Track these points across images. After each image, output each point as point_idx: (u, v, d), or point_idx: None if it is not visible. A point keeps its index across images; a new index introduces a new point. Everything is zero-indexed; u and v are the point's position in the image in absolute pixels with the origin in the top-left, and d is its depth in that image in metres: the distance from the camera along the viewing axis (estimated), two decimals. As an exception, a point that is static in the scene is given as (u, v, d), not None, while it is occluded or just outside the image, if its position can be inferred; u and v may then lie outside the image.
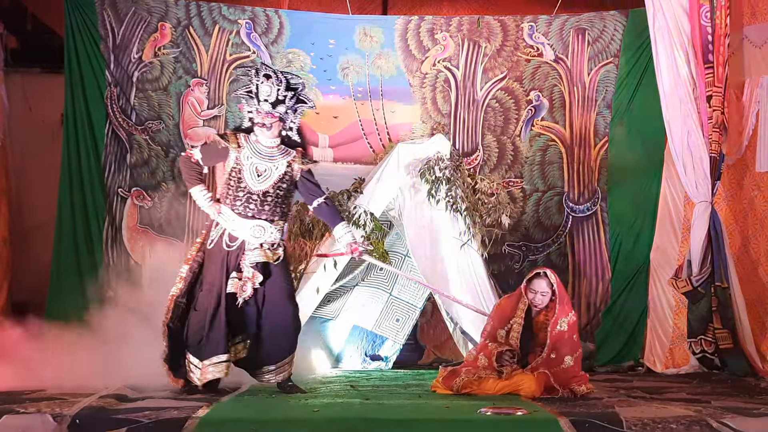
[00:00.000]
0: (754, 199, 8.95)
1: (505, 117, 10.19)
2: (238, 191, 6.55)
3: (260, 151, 6.60)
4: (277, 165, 6.61)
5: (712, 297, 8.66)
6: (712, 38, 8.69)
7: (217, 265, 6.55)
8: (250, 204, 6.53)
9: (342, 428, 4.84)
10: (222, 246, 6.55)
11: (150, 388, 6.40)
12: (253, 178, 6.54)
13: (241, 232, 6.52)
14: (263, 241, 6.53)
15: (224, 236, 6.56)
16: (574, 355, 6.50)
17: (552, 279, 6.54)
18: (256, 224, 6.53)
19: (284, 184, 6.62)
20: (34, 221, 10.19)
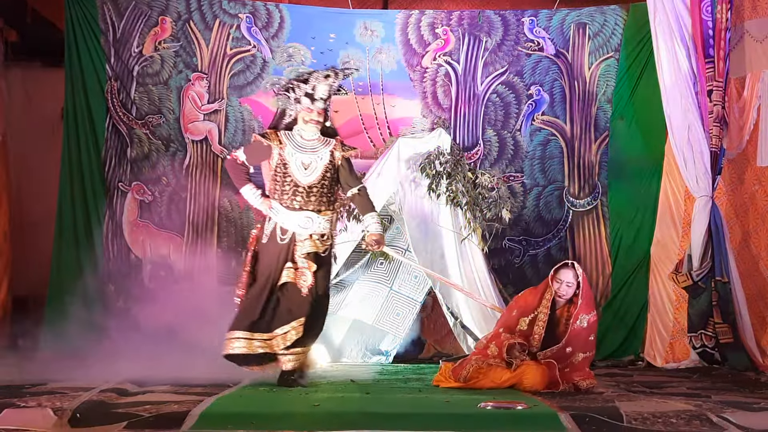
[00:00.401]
0: (755, 194, 8.95)
1: (505, 111, 10.18)
2: (285, 185, 6.78)
3: (303, 146, 6.86)
4: (321, 156, 6.87)
5: (713, 291, 8.66)
6: (713, 32, 8.69)
7: (271, 257, 6.77)
8: (296, 196, 6.76)
9: (342, 422, 4.85)
10: (276, 240, 6.78)
11: (152, 382, 6.40)
12: (300, 172, 6.80)
13: (291, 224, 6.74)
14: (312, 232, 6.74)
15: (276, 230, 6.79)
16: (586, 353, 6.53)
17: (578, 271, 6.56)
18: (304, 215, 6.75)
19: (329, 174, 6.86)
20: (35, 215, 10.20)
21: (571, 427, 4.75)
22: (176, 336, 9.53)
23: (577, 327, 6.47)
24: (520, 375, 6.35)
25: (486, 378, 6.43)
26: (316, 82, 6.81)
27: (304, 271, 6.65)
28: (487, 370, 6.46)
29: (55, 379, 6.42)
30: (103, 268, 9.76)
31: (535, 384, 6.27)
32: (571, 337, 6.47)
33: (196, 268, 9.85)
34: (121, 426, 4.68)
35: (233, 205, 9.96)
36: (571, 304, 6.59)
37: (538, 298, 6.63)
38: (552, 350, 6.47)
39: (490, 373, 6.44)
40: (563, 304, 6.62)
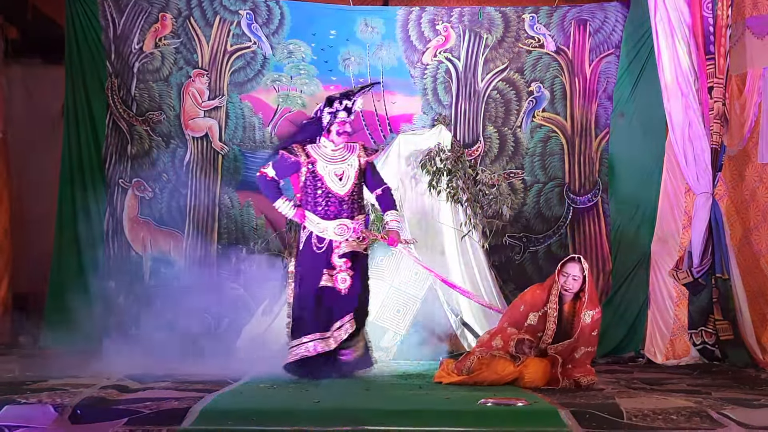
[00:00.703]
0: (756, 191, 8.94)
1: (506, 108, 10.18)
2: (317, 197, 7.10)
3: (332, 156, 7.18)
4: (350, 163, 7.18)
5: (713, 288, 8.66)
6: (714, 29, 8.68)
7: (309, 265, 7.10)
8: (329, 206, 7.08)
9: (343, 419, 4.85)
10: (312, 248, 7.09)
11: (152, 379, 6.40)
12: (335, 183, 7.12)
13: (327, 233, 7.07)
14: (347, 238, 7.05)
15: (312, 238, 7.10)
16: (588, 348, 6.54)
17: (584, 265, 6.57)
18: (339, 224, 7.06)
19: (358, 180, 7.19)
20: (35, 212, 10.21)
21: (571, 424, 4.76)
22: (177, 333, 9.56)
23: (582, 323, 6.49)
24: (522, 369, 6.36)
25: (489, 369, 6.44)
26: (359, 96, 7.23)
27: (342, 274, 7.02)
28: (490, 362, 6.47)
29: (56, 376, 6.42)
30: (103, 265, 9.76)
31: (536, 379, 6.28)
32: (579, 334, 6.49)
33: (196, 264, 9.87)
34: (121, 422, 4.68)
35: (234, 201, 9.96)
36: (577, 300, 6.59)
37: (546, 293, 6.64)
38: (563, 344, 6.48)
39: (493, 365, 6.45)
40: (569, 299, 6.62)
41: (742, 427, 4.70)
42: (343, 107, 7.14)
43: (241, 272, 9.64)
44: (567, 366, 6.48)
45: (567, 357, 6.50)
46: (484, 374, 6.44)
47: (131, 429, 4.59)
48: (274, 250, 9.51)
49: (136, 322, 9.62)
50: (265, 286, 9.32)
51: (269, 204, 9.80)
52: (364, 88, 7.44)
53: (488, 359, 6.50)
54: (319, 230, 7.06)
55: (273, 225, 9.84)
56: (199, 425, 4.70)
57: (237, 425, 4.71)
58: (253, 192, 9.92)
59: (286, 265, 8.53)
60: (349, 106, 7.16)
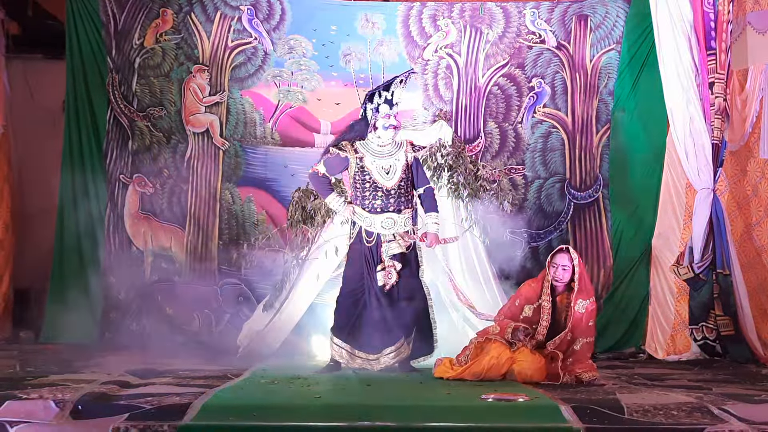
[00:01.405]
0: (758, 186, 8.94)
1: (507, 104, 10.17)
2: (365, 191, 7.31)
3: (380, 152, 7.39)
4: (398, 158, 7.37)
5: (714, 284, 8.67)
6: (715, 25, 8.68)
7: (359, 260, 7.33)
8: (376, 200, 7.28)
9: (343, 414, 4.85)
10: (362, 242, 7.31)
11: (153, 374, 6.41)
12: (383, 176, 7.32)
13: (375, 227, 7.29)
14: (395, 231, 7.24)
15: (362, 233, 7.32)
16: (587, 339, 6.56)
17: (573, 254, 6.62)
18: (386, 217, 7.28)
19: (405, 175, 7.35)
20: (36, 208, 10.22)
21: (572, 420, 4.76)
22: (177, 328, 9.58)
23: (576, 313, 6.51)
24: (515, 358, 6.39)
25: (486, 355, 6.47)
26: (395, 88, 7.33)
27: (391, 271, 7.18)
28: (485, 345, 6.54)
29: (57, 371, 6.43)
30: (104, 261, 9.77)
31: (526, 370, 6.32)
32: (572, 323, 6.50)
33: (197, 260, 9.87)
34: (122, 418, 4.68)
35: (234, 197, 9.96)
36: (570, 291, 6.61)
37: (540, 285, 6.71)
38: (560, 337, 6.50)
39: (488, 347, 6.50)
40: (563, 290, 6.65)
41: (743, 422, 4.70)
42: (384, 100, 7.30)
43: (242, 268, 9.64)
44: (568, 361, 6.50)
45: (566, 350, 6.52)
46: (482, 361, 6.46)
47: (132, 424, 4.59)
48: (275, 246, 9.51)
49: (137, 318, 9.64)
50: (266, 281, 9.33)
51: (270, 200, 9.90)
52: (397, 77, 7.50)
53: (484, 343, 6.56)
54: (367, 224, 7.27)
55: (274, 221, 9.83)
56: (200, 420, 4.70)
57: (238, 420, 4.71)
58: (254, 188, 9.93)
59: (286, 261, 8.61)
60: (388, 98, 7.31)
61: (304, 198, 8.73)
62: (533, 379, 6.32)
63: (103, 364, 7.20)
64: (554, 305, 6.66)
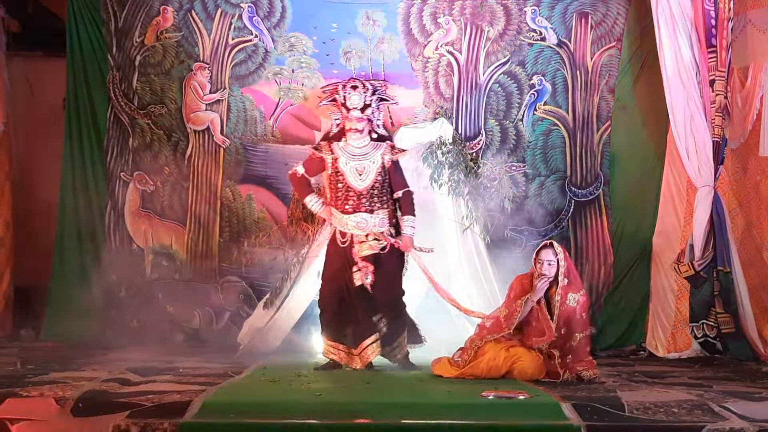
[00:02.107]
0: (758, 184, 8.94)
1: (507, 101, 10.16)
2: (338, 192, 7.35)
3: (355, 153, 7.40)
4: (373, 160, 7.38)
5: (715, 281, 8.67)
6: (716, 22, 8.68)
7: (335, 261, 7.38)
8: (348, 201, 7.29)
9: (344, 412, 4.86)
10: (337, 243, 7.35)
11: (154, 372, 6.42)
12: (356, 178, 7.34)
13: (347, 227, 7.32)
14: (368, 232, 7.25)
15: (336, 234, 7.37)
16: (583, 333, 6.58)
17: (557, 249, 6.65)
18: (358, 218, 7.30)
19: (380, 177, 7.35)
20: (37, 205, 10.22)
21: (573, 417, 4.77)
22: (178, 326, 9.58)
23: (567, 307, 6.53)
24: (514, 357, 6.40)
25: (483, 357, 6.48)
26: (345, 93, 7.44)
27: (366, 271, 7.16)
28: (483, 348, 6.54)
29: (58, 369, 6.44)
30: (104, 258, 9.77)
31: (529, 370, 6.32)
32: (564, 318, 6.51)
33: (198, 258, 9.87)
34: (123, 415, 4.69)
35: (235, 195, 9.95)
36: (557, 286, 6.63)
37: (530, 280, 6.75)
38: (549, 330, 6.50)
39: (485, 348, 6.52)
40: (552, 287, 6.65)
41: (744, 420, 4.71)
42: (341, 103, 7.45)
43: (243, 266, 9.64)
44: (567, 358, 6.50)
45: (563, 347, 6.52)
46: (480, 364, 6.47)
47: (133, 422, 4.59)
48: (276, 243, 9.51)
49: (138, 316, 9.65)
50: (267, 279, 9.34)
51: (271, 197, 9.88)
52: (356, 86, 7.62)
53: (481, 346, 6.57)
54: (340, 225, 7.31)
55: (274, 218, 9.83)
56: (201, 418, 4.71)
57: (239, 418, 4.72)
58: (255, 185, 9.92)
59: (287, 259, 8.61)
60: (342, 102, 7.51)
61: (305, 196, 8.73)
62: (533, 377, 6.33)
63: (103, 361, 7.21)
64: (547, 300, 6.67)
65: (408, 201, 7.51)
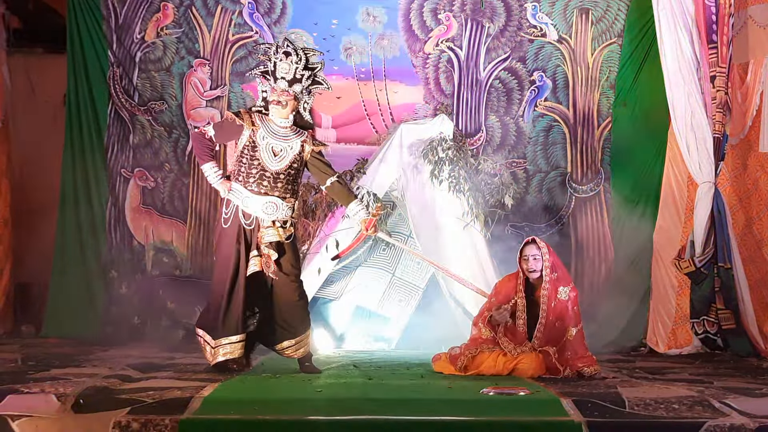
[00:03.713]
0: (758, 180, 8.93)
1: (508, 97, 10.17)
2: (251, 168, 6.54)
3: (275, 132, 6.60)
4: (291, 145, 6.62)
5: (715, 277, 8.66)
6: (716, 18, 8.67)
7: (231, 242, 6.54)
8: (263, 181, 6.52)
9: (345, 408, 4.85)
10: (238, 223, 6.54)
11: (154, 368, 6.41)
12: (270, 157, 6.54)
13: (254, 209, 6.52)
14: (275, 218, 6.54)
15: (239, 214, 6.54)
16: (578, 326, 6.57)
17: (540, 243, 6.69)
18: (269, 201, 6.53)
19: (296, 164, 6.64)
20: (37, 202, 10.21)
21: (573, 413, 4.76)
22: (179, 322, 9.58)
23: (559, 301, 6.53)
24: (516, 362, 6.39)
25: (479, 363, 6.48)
26: (277, 58, 6.61)
27: (268, 260, 6.50)
28: (479, 357, 6.52)
29: (59, 365, 6.44)
30: (105, 255, 9.78)
31: (532, 369, 6.33)
32: (556, 312, 6.51)
33: (198, 254, 9.88)
34: (124, 412, 4.68)
35: (236, 191, 9.95)
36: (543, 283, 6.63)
37: (514, 283, 6.74)
38: (540, 330, 6.50)
39: (482, 358, 6.49)
40: (538, 283, 6.65)
41: (744, 416, 4.70)
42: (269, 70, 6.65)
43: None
44: (567, 353, 6.49)
45: (559, 342, 6.51)
46: (480, 369, 6.47)
47: (134, 418, 4.59)
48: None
49: (138, 312, 9.65)
50: (267, 276, 9.32)
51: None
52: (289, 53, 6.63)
53: (479, 356, 6.55)
54: (244, 205, 6.53)
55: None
56: (202, 414, 4.71)
57: (240, 415, 4.71)
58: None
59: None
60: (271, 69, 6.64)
61: (305, 192, 8.73)
62: (535, 375, 6.33)
63: (104, 358, 7.21)
64: (534, 301, 6.66)
65: (345, 185, 6.91)
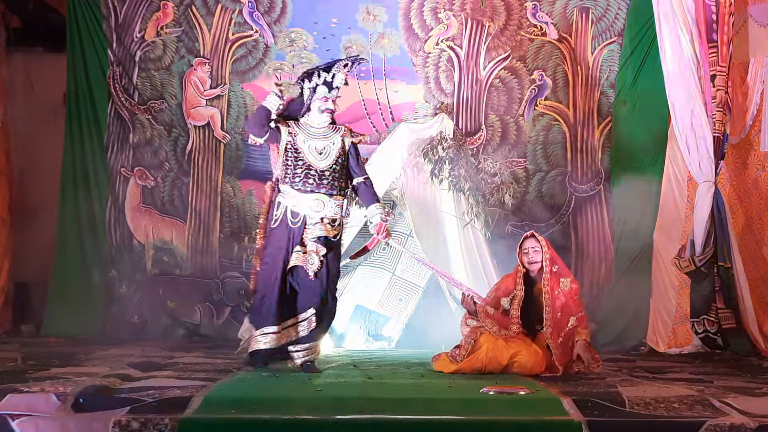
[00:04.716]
0: (758, 179, 8.93)
1: (508, 96, 10.17)
2: (297, 168, 6.70)
3: (314, 133, 6.80)
4: (333, 141, 6.82)
5: (715, 277, 8.66)
6: (717, 17, 8.66)
7: (281, 241, 6.69)
8: (308, 179, 6.67)
9: (345, 407, 4.85)
10: (287, 223, 6.68)
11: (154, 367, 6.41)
12: (315, 157, 6.73)
13: (302, 207, 6.66)
14: (323, 216, 6.69)
15: (287, 214, 6.69)
16: (577, 315, 6.56)
17: (538, 237, 6.71)
18: (316, 198, 6.68)
19: (341, 159, 6.81)
20: (37, 201, 10.21)
21: (573, 412, 4.75)
22: (179, 321, 9.58)
23: (564, 291, 6.55)
24: (514, 351, 6.40)
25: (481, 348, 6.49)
26: (337, 71, 6.85)
27: (312, 255, 6.62)
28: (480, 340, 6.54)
29: (59, 364, 6.43)
30: (105, 254, 9.78)
31: (532, 366, 6.33)
32: (559, 303, 6.52)
33: (198, 253, 9.88)
34: (124, 411, 4.68)
35: (236, 190, 9.96)
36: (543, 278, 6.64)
37: (513, 277, 6.76)
38: (548, 322, 6.51)
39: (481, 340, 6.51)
40: (538, 277, 6.66)
41: (744, 415, 4.70)
42: (323, 81, 6.82)
43: (243, 261, 9.65)
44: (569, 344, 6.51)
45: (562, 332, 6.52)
46: (479, 356, 6.47)
47: (134, 417, 4.58)
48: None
49: (138, 311, 9.65)
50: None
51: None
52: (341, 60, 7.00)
53: (477, 339, 6.57)
54: (293, 204, 6.67)
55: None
56: (202, 414, 4.70)
57: (240, 414, 4.71)
58: (256, 181, 9.92)
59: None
60: (328, 80, 6.82)
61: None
62: (534, 371, 6.33)
63: (104, 357, 7.20)
64: (533, 295, 6.67)
65: (371, 188, 7.01)
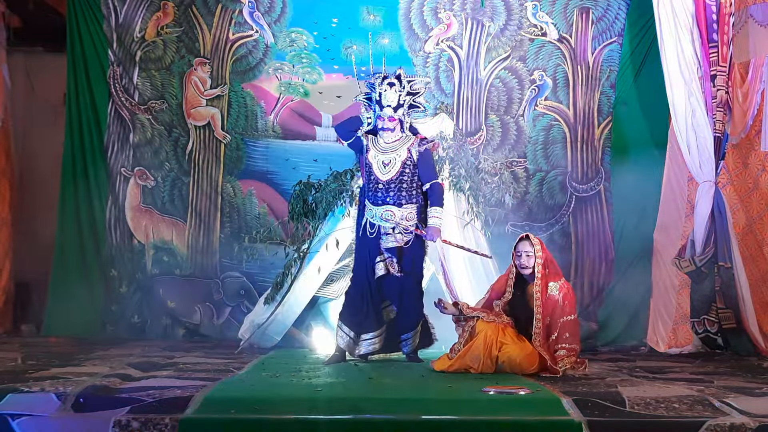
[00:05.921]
0: (759, 179, 8.93)
1: (508, 96, 10.17)
2: (369, 183, 7.34)
3: (383, 148, 7.35)
4: (399, 153, 7.28)
5: (716, 277, 8.66)
6: (717, 17, 8.66)
7: (363, 251, 7.41)
8: (378, 192, 7.30)
9: (345, 407, 4.85)
10: (366, 234, 7.34)
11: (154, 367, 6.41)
12: (381, 170, 7.30)
13: (376, 219, 7.29)
14: (395, 224, 7.22)
15: (366, 225, 7.34)
16: (569, 317, 6.54)
17: (533, 240, 6.69)
18: (386, 209, 7.26)
19: (407, 169, 7.30)
20: (37, 201, 10.21)
21: (573, 412, 4.75)
22: (179, 321, 9.57)
23: (551, 296, 6.53)
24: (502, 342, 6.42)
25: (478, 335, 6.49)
26: (382, 90, 7.30)
27: (392, 263, 7.22)
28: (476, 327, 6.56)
29: (59, 364, 6.43)
30: (105, 254, 9.78)
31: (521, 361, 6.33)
32: (547, 309, 6.51)
33: (198, 253, 9.88)
34: (124, 411, 4.68)
35: (236, 190, 9.96)
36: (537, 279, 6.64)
37: (505, 281, 6.79)
38: (537, 329, 6.49)
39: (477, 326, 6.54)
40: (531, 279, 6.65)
41: (744, 415, 4.69)
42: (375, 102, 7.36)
43: (244, 261, 9.65)
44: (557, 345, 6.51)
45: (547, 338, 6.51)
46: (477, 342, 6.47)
47: (134, 417, 4.58)
48: (276, 239, 9.50)
49: (139, 311, 9.65)
50: (268, 275, 9.34)
51: (272, 193, 9.90)
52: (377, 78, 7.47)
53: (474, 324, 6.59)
54: (370, 216, 7.30)
55: (275, 214, 9.84)
56: (202, 413, 4.70)
57: (240, 414, 4.71)
58: (256, 181, 9.94)
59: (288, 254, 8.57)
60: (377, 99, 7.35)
61: (306, 191, 8.72)
62: (523, 368, 6.31)
63: (104, 357, 7.20)
64: (525, 296, 6.67)
65: (436, 193, 7.42)
